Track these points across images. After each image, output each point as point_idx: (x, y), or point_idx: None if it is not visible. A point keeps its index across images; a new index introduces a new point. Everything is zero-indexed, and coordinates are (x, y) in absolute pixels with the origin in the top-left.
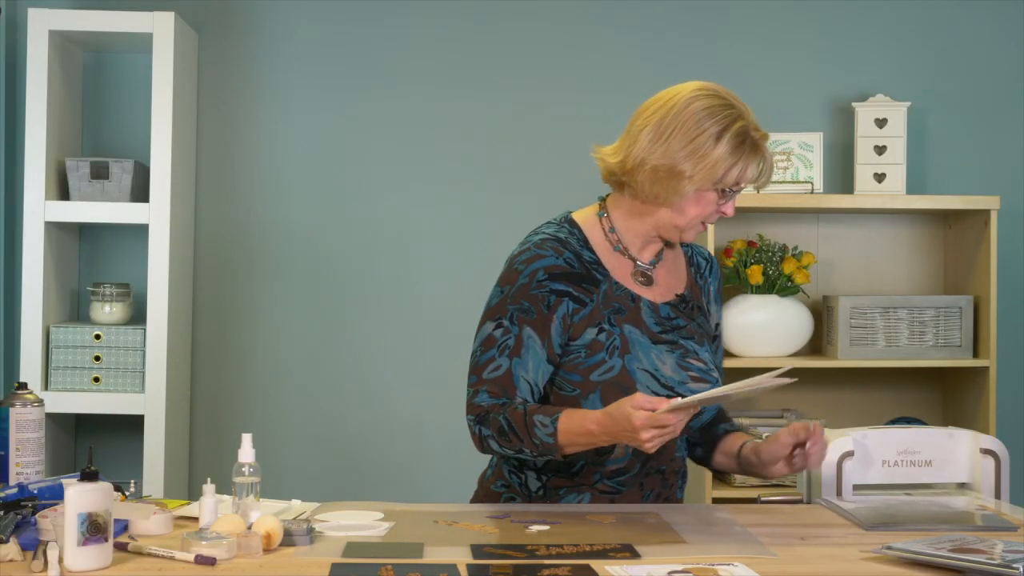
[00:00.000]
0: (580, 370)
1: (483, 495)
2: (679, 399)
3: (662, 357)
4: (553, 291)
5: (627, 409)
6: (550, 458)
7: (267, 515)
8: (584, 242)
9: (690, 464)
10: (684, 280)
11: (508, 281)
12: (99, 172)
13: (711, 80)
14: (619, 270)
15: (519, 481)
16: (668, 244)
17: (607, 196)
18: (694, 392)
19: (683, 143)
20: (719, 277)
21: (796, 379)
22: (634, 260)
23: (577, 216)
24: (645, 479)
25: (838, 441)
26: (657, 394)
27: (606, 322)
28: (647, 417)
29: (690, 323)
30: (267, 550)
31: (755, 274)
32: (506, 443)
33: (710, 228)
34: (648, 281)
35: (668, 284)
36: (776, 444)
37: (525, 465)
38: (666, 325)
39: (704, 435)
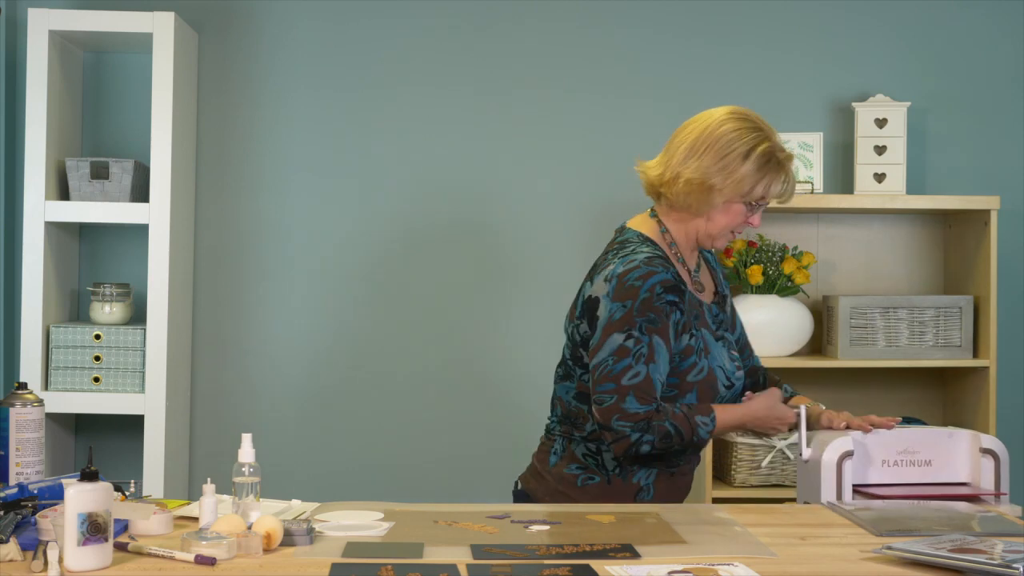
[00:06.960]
0: (678, 372)
1: (555, 481)
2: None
3: (721, 352)
4: (668, 302)
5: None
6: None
7: (267, 515)
8: (667, 257)
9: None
10: (711, 278)
11: (628, 296)
12: (99, 172)
13: (710, 81)
14: (686, 280)
15: (596, 462)
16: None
17: (654, 210)
18: (741, 379)
19: (714, 160)
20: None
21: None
22: (689, 270)
23: (644, 231)
24: (692, 452)
25: (838, 441)
26: (726, 385)
27: (692, 328)
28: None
29: (726, 316)
30: (267, 550)
31: (755, 274)
32: (664, 444)
33: None
34: (700, 287)
35: (708, 286)
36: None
37: (601, 447)
38: (717, 322)
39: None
